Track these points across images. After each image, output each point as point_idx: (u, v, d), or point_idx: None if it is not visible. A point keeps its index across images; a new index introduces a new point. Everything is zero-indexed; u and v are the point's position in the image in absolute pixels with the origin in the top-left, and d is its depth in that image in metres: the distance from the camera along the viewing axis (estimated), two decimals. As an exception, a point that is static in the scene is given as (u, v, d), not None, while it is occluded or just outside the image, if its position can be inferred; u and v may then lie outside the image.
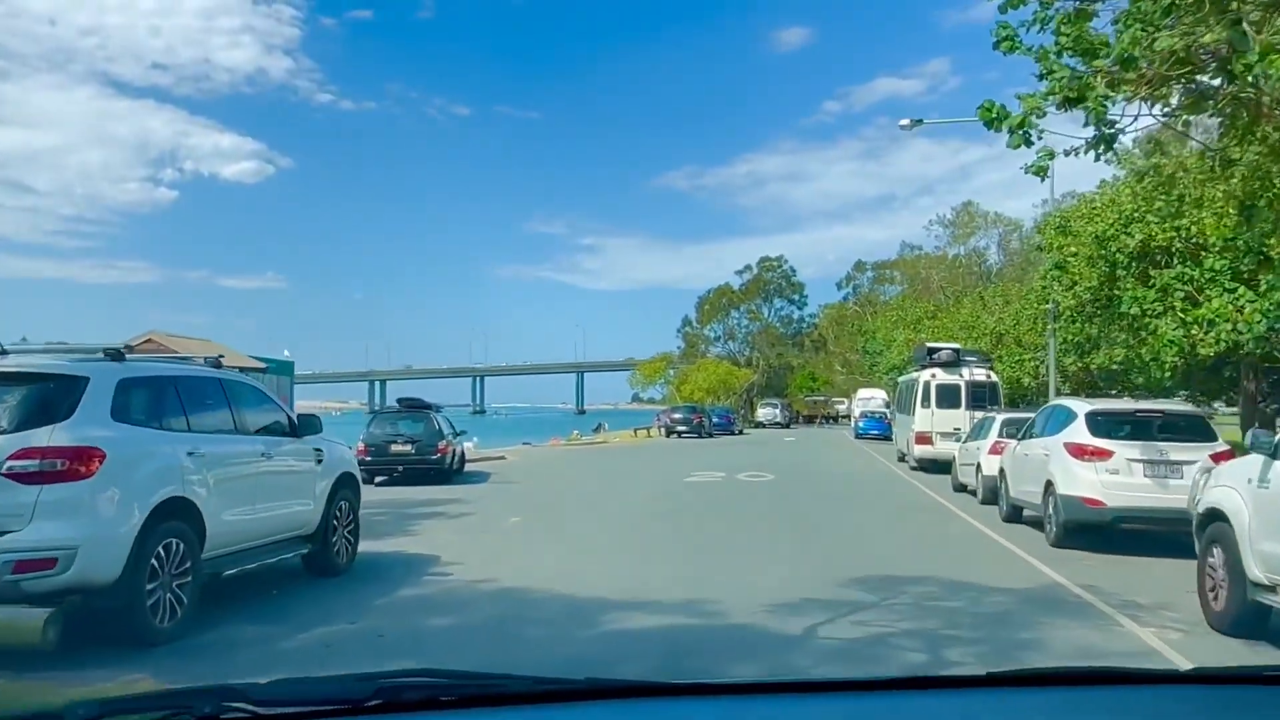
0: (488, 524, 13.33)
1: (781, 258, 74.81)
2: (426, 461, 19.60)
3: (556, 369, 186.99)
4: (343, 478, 9.24)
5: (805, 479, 21.50)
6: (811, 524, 13.58)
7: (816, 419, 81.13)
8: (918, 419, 24.41)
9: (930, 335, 51.79)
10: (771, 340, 73.20)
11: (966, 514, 14.96)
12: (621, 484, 20.08)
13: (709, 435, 47.19)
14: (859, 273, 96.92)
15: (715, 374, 64.31)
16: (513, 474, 23.04)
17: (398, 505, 15.89)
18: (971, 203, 59.58)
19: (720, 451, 34.04)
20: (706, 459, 28.93)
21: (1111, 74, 9.25)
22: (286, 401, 22.35)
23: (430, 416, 20.12)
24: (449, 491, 18.20)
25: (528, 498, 17.17)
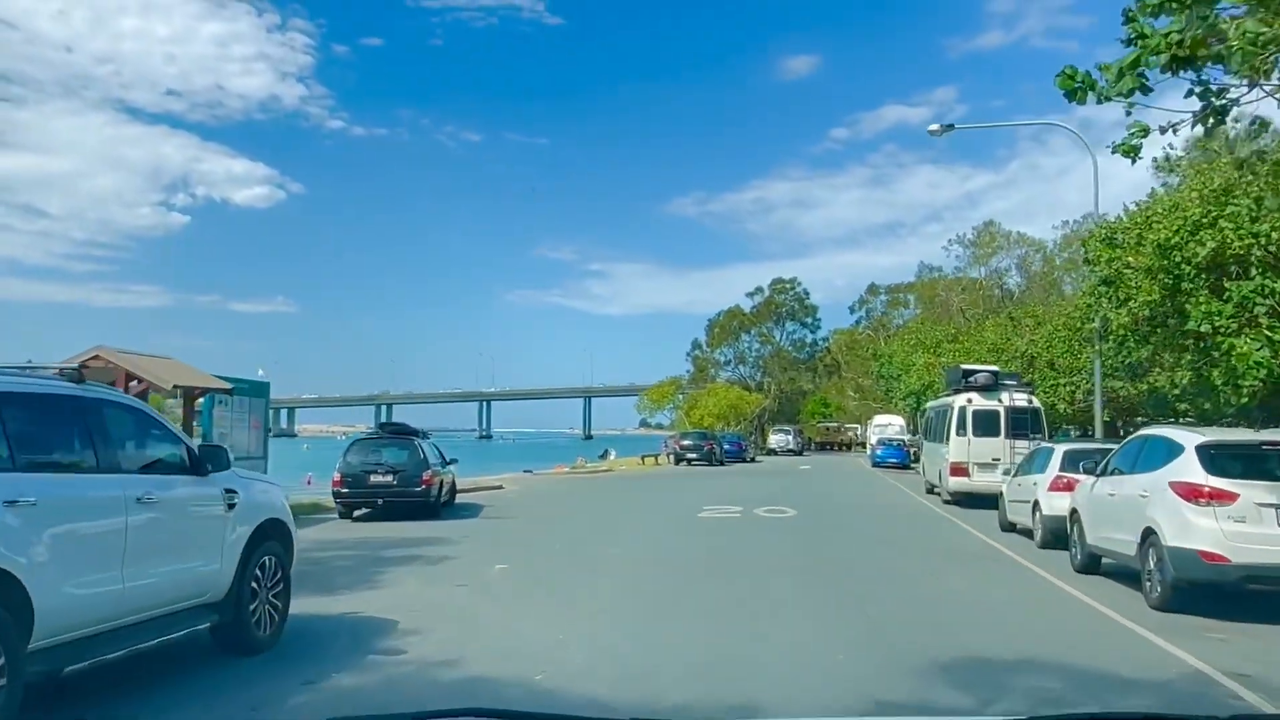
0: (467, 573, 11.24)
1: (794, 279, 72.92)
2: (409, 494, 17.54)
3: (564, 394, 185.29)
4: (266, 527, 7.19)
5: (831, 515, 19.35)
6: (852, 576, 11.43)
7: (830, 446, 78.84)
8: (952, 448, 22.26)
9: (951, 359, 49.67)
10: (784, 364, 71.04)
11: (1029, 561, 12.80)
12: (626, 520, 17.96)
13: (720, 463, 45.04)
14: (872, 296, 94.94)
15: (726, 399, 62.18)
16: (508, 507, 20.94)
17: (369, 546, 13.81)
18: (993, 222, 57.68)
19: (733, 481, 31.87)
20: (719, 490, 26.77)
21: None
22: (259, 426, 20.40)
23: (415, 444, 18.07)
24: (432, 529, 16.12)
25: (519, 538, 15.07)
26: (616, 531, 15.96)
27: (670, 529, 16.42)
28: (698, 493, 25.59)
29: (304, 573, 11.26)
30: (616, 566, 11.87)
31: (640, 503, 22.45)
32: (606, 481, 32.53)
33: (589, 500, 23.46)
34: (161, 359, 16.78)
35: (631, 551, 13.29)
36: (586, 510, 20.38)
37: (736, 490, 26.70)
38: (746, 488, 28.11)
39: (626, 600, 9.60)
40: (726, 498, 23.16)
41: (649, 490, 27.53)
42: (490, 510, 20.11)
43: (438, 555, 12.71)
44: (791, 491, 26.26)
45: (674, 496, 24.53)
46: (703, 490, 26.82)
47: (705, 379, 70.91)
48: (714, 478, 34.25)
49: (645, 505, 21.70)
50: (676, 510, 19.94)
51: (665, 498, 24.25)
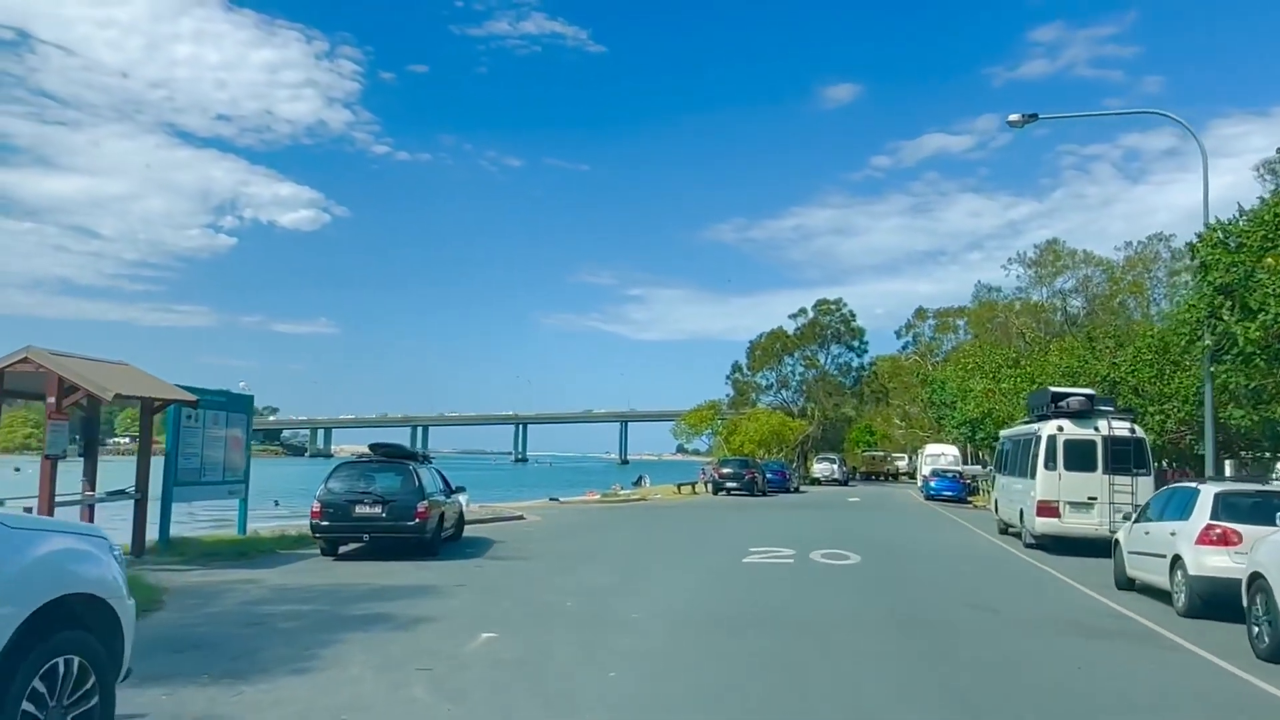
0: (440, 645, 8.43)
1: (840, 300, 69.47)
2: (400, 529, 14.81)
3: (600, 418, 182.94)
4: (58, 609, 4.41)
5: (902, 563, 16.27)
6: (955, 660, 8.43)
7: (876, 475, 75.16)
8: (1039, 484, 19.09)
9: (1012, 385, 46.23)
10: (828, 389, 67.60)
11: (1180, 637, 9.73)
12: (657, 566, 15.04)
13: (762, 493, 41.88)
14: (920, 320, 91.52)
15: (768, 424, 58.92)
16: (523, 544, 18.13)
17: (334, 598, 11.08)
18: (1057, 240, 54.02)
19: (779, 516, 28.78)
20: (765, 526, 23.75)
21: None
22: (240, 445, 17.83)
23: (410, 470, 15.34)
24: (423, 573, 13.36)
25: (524, 589, 12.22)
26: (644, 581, 13.05)
27: (710, 579, 13.48)
28: (741, 529, 22.60)
29: (224, 639, 8.57)
30: (640, 639, 8.97)
31: (675, 541, 19.51)
32: (638, 513, 29.62)
33: (616, 536, 20.56)
34: (112, 364, 14.27)
35: (661, 613, 10.39)
36: (612, 550, 17.49)
37: (785, 527, 23.65)
38: (795, 524, 25.04)
39: (647, 699, 6.71)
40: (775, 536, 20.15)
41: (685, 525, 24.56)
42: (501, 548, 17.31)
43: (413, 615, 9.92)
44: (848, 530, 23.15)
45: (714, 533, 21.55)
46: (746, 526, 23.82)
47: (746, 403, 67.70)
48: (757, 510, 31.16)
49: (680, 545, 18.76)
50: (717, 552, 16.99)
51: (704, 535, 21.27)
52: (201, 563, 14.11)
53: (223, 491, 17.08)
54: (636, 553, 16.89)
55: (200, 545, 15.59)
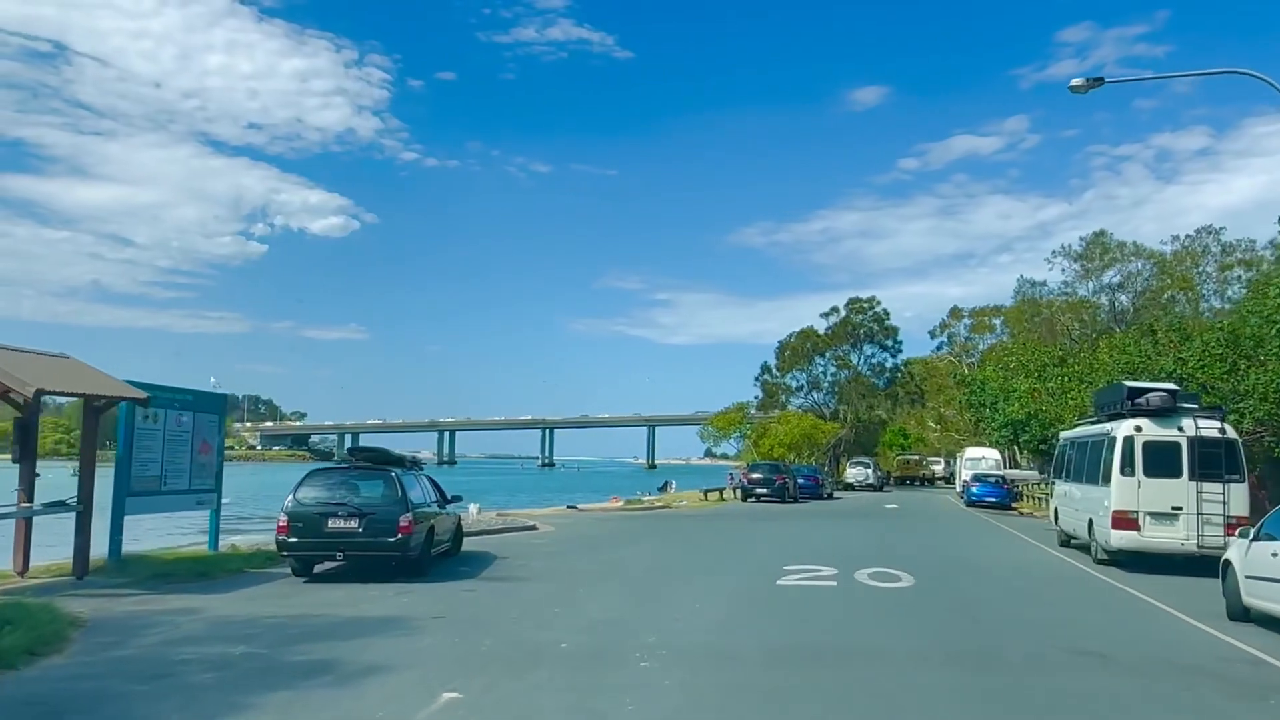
0: (381, 712, 6.37)
1: (873, 298, 66.77)
2: (380, 546, 12.80)
3: (627, 422, 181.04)
4: None
5: (962, 585, 14.03)
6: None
7: (910, 480, 72.46)
8: (1115, 492, 16.74)
9: (1059, 384, 43.66)
10: (861, 390, 64.98)
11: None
12: (677, 588, 12.90)
13: (793, 499, 39.60)
14: (955, 319, 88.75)
15: (799, 427, 56.50)
16: (528, 560, 16.08)
17: (281, 634, 9.07)
18: (1104, 233, 51.13)
19: (814, 525, 26.54)
20: (800, 539, 21.56)
21: None
22: (210, 450, 15.92)
23: (392, 478, 13.31)
24: (399, 599, 11.35)
25: (513, 621, 10.14)
26: (660, 611, 10.93)
27: (739, 609, 11.33)
28: (774, 542, 20.41)
29: (111, 699, 6.68)
30: (650, 698, 6.85)
31: (699, 558, 17.35)
32: (661, 522, 27.47)
33: (634, 551, 18.43)
34: (49, 356, 12.40)
35: (679, 657, 8.26)
36: (627, 568, 15.38)
37: (821, 539, 21.43)
38: (833, 535, 22.81)
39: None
40: (811, 551, 17.95)
41: (711, 537, 22.38)
42: (502, 565, 15.26)
43: (365, 662, 7.88)
44: (892, 543, 20.90)
45: (743, 547, 19.38)
46: (780, 538, 21.62)
47: (775, 405, 65.26)
48: (790, 519, 28.92)
49: (705, 562, 16.60)
50: (747, 571, 14.83)
51: (732, 549, 19.10)
52: (149, 585, 12.19)
53: (189, 502, 15.18)
54: (654, 572, 14.75)
55: (155, 564, 13.67)
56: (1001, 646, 9.22)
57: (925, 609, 11.42)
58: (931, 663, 8.30)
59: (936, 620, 10.64)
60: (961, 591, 13.13)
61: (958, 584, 13.93)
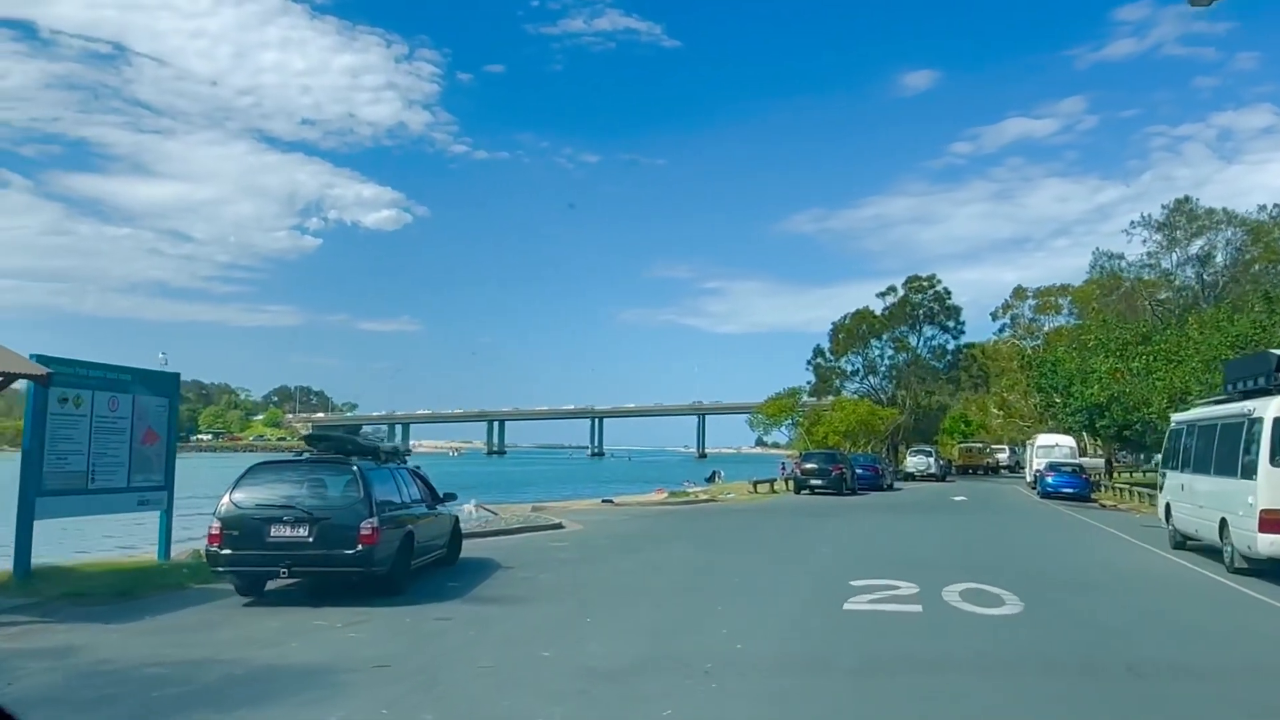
0: None
1: (933, 276, 62.68)
2: (335, 560, 10.09)
3: (676, 411, 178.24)
4: None
5: (1084, 610, 10.89)
6: None
7: (973, 469, 68.53)
8: (1263, 486, 13.42)
9: (1144, 364, 39.91)
10: (921, 374, 61.14)
11: None
12: (713, 617, 9.97)
13: (851, 491, 36.37)
14: (1018, 300, 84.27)
15: (855, 414, 53.03)
16: (538, 568, 13.30)
17: (147, 695, 6.38)
18: (1189, 199, 46.76)
19: (879, 522, 23.42)
20: (865, 541, 18.51)
21: None
22: (157, 439, 13.39)
23: (352, 472, 10.56)
24: (347, 633, 8.66)
25: (478, 678, 7.31)
26: (687, 653, 8.03)
27: (797, 648, 8.39)
28: (834, 545, 17.39)
29: None
30: None
31: (744, 567, 14.38)
32: (704, 519, 24.55)
33: (667, 558, 15.55)
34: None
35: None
36: (654, 582, 12.49)
37: (890, 540, 18.36)
38: (902, 535, 19.72)
39: None
40: (882, 557, 14.93)
41: (760, 538, 19.40)
42: (501, 579, 12.50)
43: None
44: (973, 545, 17.78)
45: (798, 552, 16.39)
46: (841, 539, 18.58)
47: (829, 390, 61.74)
48: (850, 515, 25.80)
49: (752, 573, 13.64)
50: (804, 587, 11.87)
51: (785, 555, 16.12)
52: (49, 609, 9.65)
53: (127, 501, 12.64)
54: (686, 590, 11.84)
55: (72, 579, 11.16)
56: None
57: (1050, 650, 8.38)
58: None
59: (1073, 669, 7.60)
60: (1087, 621, 10.02)
61: (1077, 608, 10.81)
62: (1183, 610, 11.20)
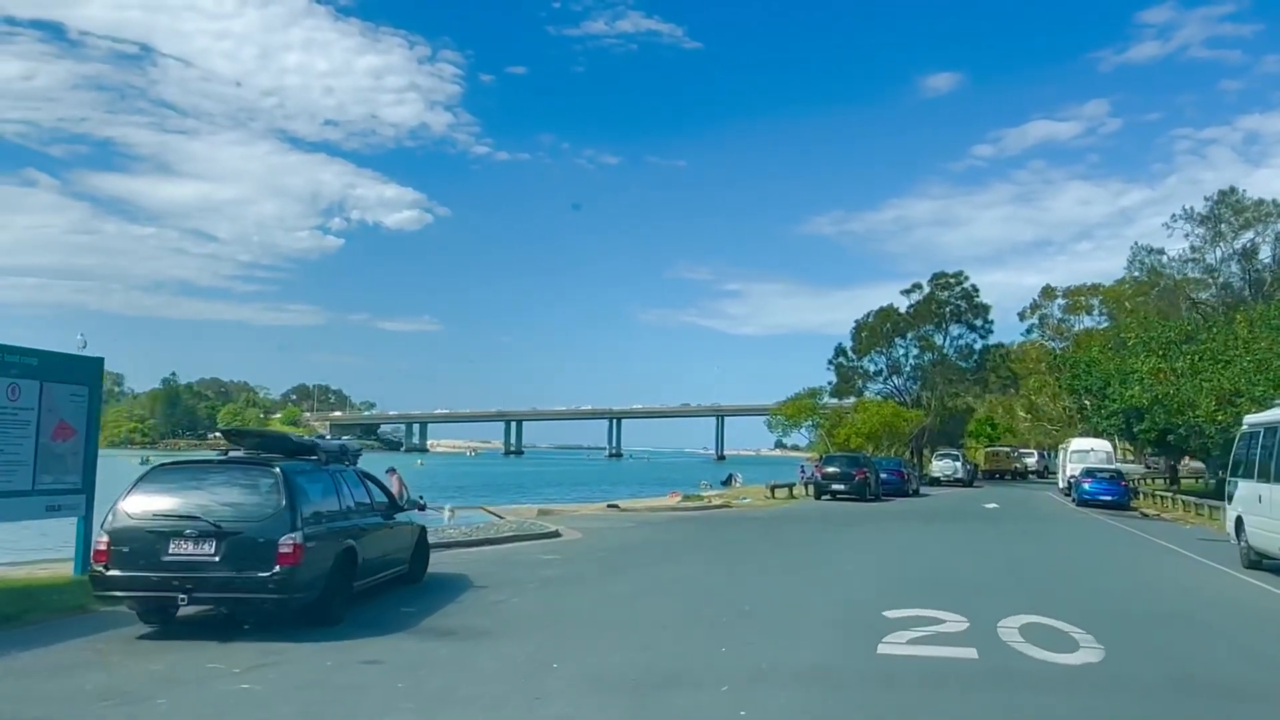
0: None
1: (960, 273, 60.18)
2: (247, 584, 8.14)
3: (695, 413, 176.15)
4: None
5: (1179, 654, 8.78)
6: None
7: (1000, 474, 65.99)
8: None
9: (1189, 364, 37.56)
10: (948, 375, 58.72)
11: None
12: (714, 664, 7.93)
13: (875, 497, 34.21)
14: (1047, 300, 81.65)
15: (879, 415, 50.75)
16: (511, 592, 11.33)
17: None
18: (1234, 190, 44.14)
19: (911, 534, 21.32)
20: (898, 556, 16.43)
21: None
22: (72, 434, 11.53)
23: (273, 476, 8.59)
24: (236, 682, 6.73)
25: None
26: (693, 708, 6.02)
27: (832, 704, 6.36)
28: (862, 562, 15.31)
29: None
30: None
31: (757, 590, 12.33)
32: (717, 527, 22.52)
33: (667, 576, 13.53)
34: None
35: None
36: (646, 610, 10.47)
37: (926, 556, 16.27)
38: (938, 550, 17.62)
39: None
40: (919, 579, 12.85)
41: (777, 552, 17.34)
42: (465, 603, 10.53)
43: None
44: (1023, 562, 15.68)
45: (821, 570, 14.33)
46: (869, 555, 16.49)
47: (850, 391, 59.44)
48: (877, 524, 23.68)
49: (765, 598, 11.59)
50: (829, 620, 9.82)
51: (805, 574, 14.06)
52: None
53: (33, 507, 10.78)
54: (686, 622, 9.82)
55: (-56, 601, 9.29)
56: None
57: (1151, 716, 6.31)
58: None
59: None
60: (1189, 670, 7.93)
61: (1169, 651, 8.72)
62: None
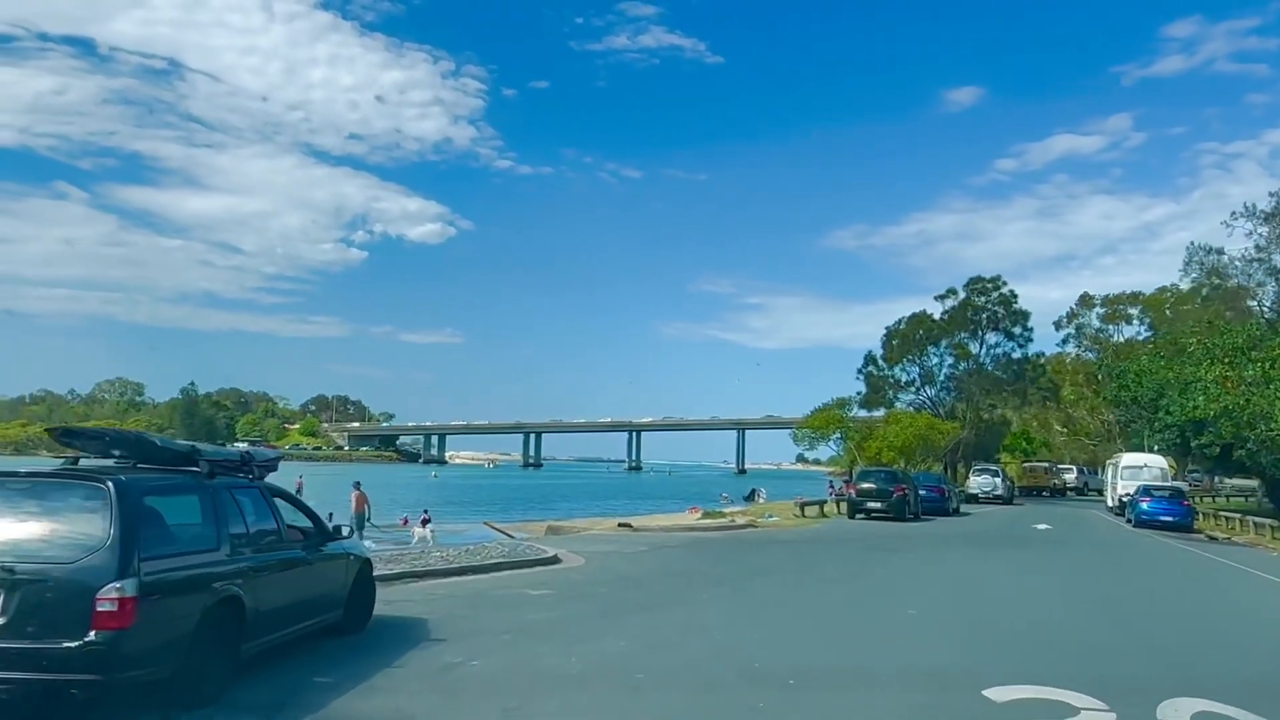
0: None
1: (998, 278, 56.99)
2: (42, 657, 5.37)
3: (716, 425, 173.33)
4: None
5: None
6: None
7: (1037, 491, 62.54)
8: None
9: (1261, 371, 34.34)
10: (985, 385, 55.47)
11: None
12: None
13: (914, 516, 31.17)
14: (1084, 309, 78.24)
15: (913, 428, 47.61)
16: (475, 650, 8.48)
17: None
18: (1303, 184, 40.72)
19: (970, 565, 18.32)
20: (968, 598, 13.46)
21: None
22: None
23: (103, 495, 5.85)
24: None
25: None
26: None
27: None
28: (929, 606, 12.30)
29: None
30: None
31: (798, 655, 9.41)
32: (742, 553, 19.61)
33: (680, 628, 10.61)
34: None
35: None
36: (649, 690, 7.59)
37: (1003, 598, 13.29)
38: (1011, 588, 14.65)
39: None
40: (1012, 634, 9.91)
41: (819, 591, 14.43)
42: (410, 665, 7.71)
43: None
44: (1127, 605, 12.75)
45: (880, 622, 11.39)
46: (934, 595, 13.52)
47: (880, 401, 56.30)
48: (926, 550, 20.68)
49: (816, 664, 8.68)
50: (913, 708, 6.92)
51: (858, 628, 11.14)
52: None
53: None
54: (696, 710, 6.94)
55: None
56: None
57: None
58: None
59: None
60: None
61: None
62: None
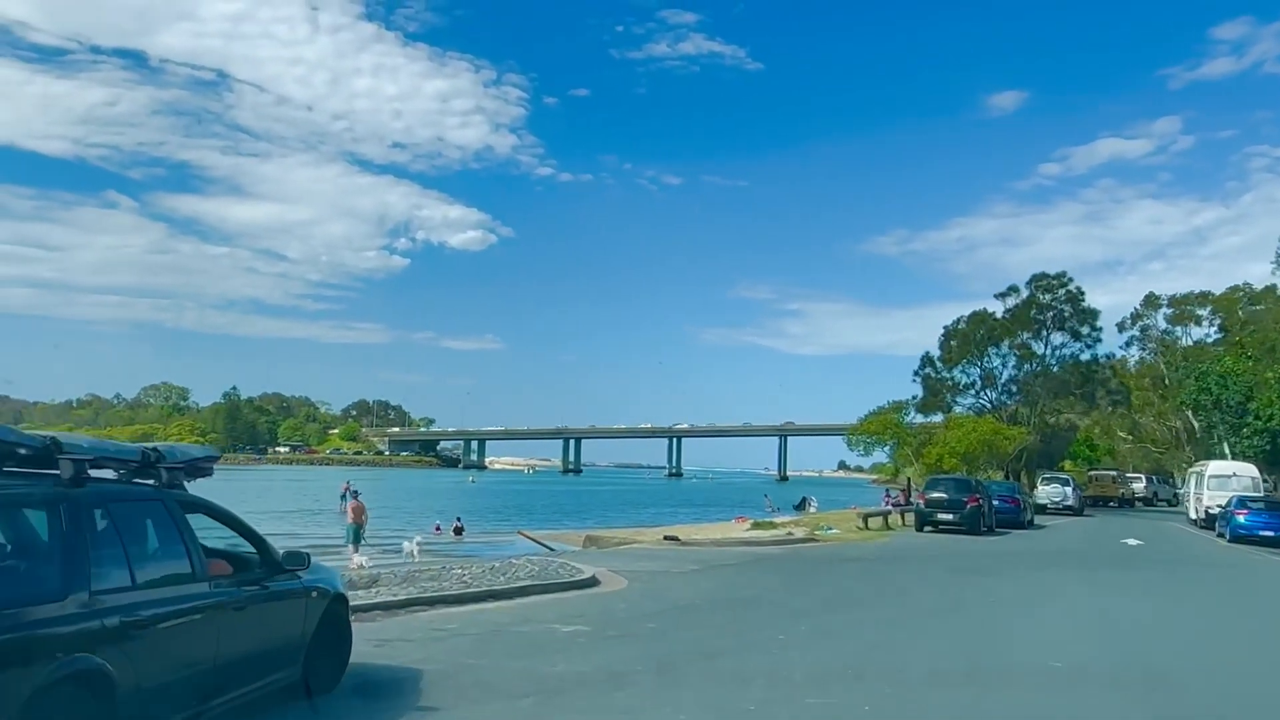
0: None
1: (1064, 274, 53.50)
2: None
3: (756, 432, 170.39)
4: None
5: None
6: None
7: (1106, 501, 58.87)
8: None
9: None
10: (1051, 388, 52.11)
11: None
12: None
13: (988, 529, 28.25)
14: (1150, 310, 74.26)
15: (977, 433, 44.51)
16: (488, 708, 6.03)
17: None
18: None
19: (1088, 594, 15.53)
20: (1113, 639, 10.73)
21: None
22: None
23: None
24: None
25: None
26: None
27: None
28: (1072, 658, 9.53)
29: None
30: None
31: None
32: (810, 572, 16.99)
33: (765, 683, 8.03)
34: None
35: None
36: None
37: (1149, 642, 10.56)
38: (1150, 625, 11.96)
39: None
40: (1197, 707, 7.23)
41: (919, 628, 11.82)
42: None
43: None
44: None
45: (1018, 681, 8.73)
46: (1065, 637, 10.78)
47: (939, 405, 53.20)
48: (1026, 573, 17.90)
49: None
50: None
51: (997, 689, 8.51)
52: None
53: None
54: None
55: None
56: None
57: None
58: None
59: None
60: None
61: None
62: None
